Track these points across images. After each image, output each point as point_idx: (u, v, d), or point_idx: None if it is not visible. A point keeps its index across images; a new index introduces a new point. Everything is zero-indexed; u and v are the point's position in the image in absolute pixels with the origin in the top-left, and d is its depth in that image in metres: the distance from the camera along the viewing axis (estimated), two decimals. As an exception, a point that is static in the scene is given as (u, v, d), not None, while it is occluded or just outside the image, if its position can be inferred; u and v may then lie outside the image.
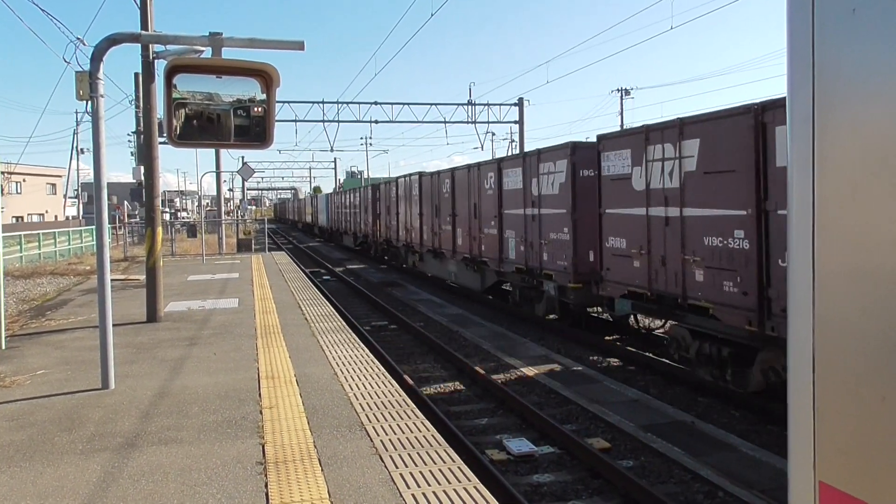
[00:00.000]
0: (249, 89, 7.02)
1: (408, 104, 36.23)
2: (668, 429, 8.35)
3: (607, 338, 13.84)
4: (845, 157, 1.31)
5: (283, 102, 34.15)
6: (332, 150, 78.70)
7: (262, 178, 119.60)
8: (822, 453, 1.38)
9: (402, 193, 26.75)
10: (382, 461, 5.25)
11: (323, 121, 35.98)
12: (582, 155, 13.44)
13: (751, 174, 8.67)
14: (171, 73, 6.71)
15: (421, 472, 5.03)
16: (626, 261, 11.50)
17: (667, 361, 11.45)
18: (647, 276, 10.96)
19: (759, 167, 8.59)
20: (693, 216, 9.79)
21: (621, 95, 49.35)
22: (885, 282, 1.23)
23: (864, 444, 1.29)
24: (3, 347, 9.90)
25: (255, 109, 7.05)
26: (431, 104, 36.65)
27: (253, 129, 7.09)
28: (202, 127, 6.98)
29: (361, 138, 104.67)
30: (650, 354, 12.18)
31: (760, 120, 8.59)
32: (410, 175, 25.87)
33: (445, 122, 37.20)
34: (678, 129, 9.99)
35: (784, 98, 1.47)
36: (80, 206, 64.72)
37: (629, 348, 12.64)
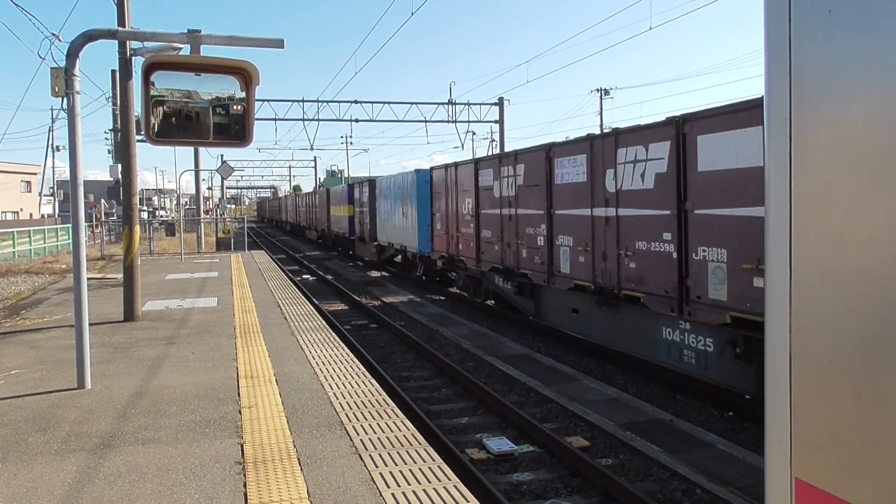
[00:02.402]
0: (229, 87, 6.97)
1: (388, 103, 36.20)
2: (646, 427, 8.40)
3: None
4: (822, 157, 1.32)
5: (263, 101, 34.05)
6: (312, 149, 78.50)
7: (242, 176, 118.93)
8: (799, 450, 1.40)
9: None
10: (362, 460, 5.23)
11: (303, 119, 35.87)
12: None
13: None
14: (148, 70, 6.65)
15: (401, 472, 5.02)
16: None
17: (646, 360, 11.52)
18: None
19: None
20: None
21: (601, 95, 49.62)
22: (860, 281, 1.24)
23: (840, 441, 1.30)
24: (-23, 347, 9.75)
25: (235, 107, 7.00)
26: (412, 103, 36.65)
27: (232, 127, 7.04)
28: (181, 125, 6.93)
29: (342, 137, 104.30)
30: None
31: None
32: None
33: (426, 122, 37.21)
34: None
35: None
36: (56, 204, 63.95)
37: (608, 347, 12.69)
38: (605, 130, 13.36)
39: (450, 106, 36.68)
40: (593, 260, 11.86)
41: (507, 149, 32.24)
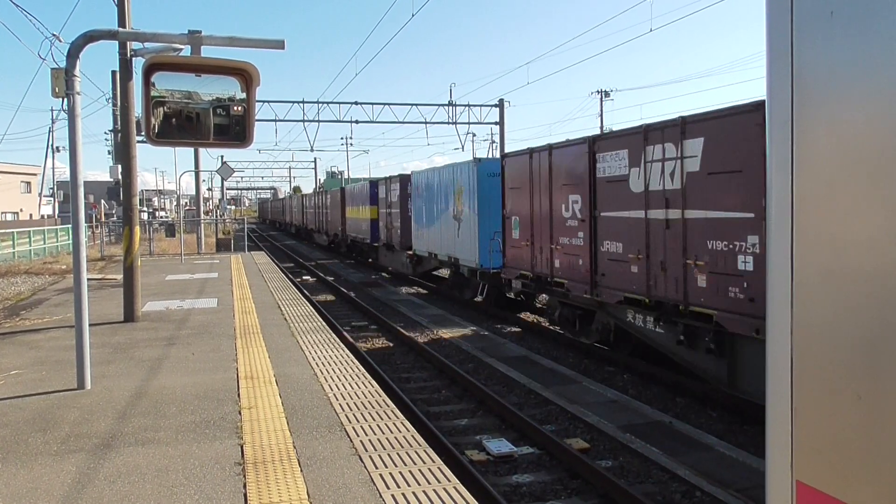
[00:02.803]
0: (229, 88, 6.98)
1: (389, 104, 36.22)
2: (646, 429, 8.40)
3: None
4: (823, 158, 1.32)
5: (263, 102, 34.02)
6: (312, 150, 78.75)
7: (242, 177, 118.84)
8: (800, 453, 1.40)
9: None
10: (362, 461, 5.23)
11: (303, 120, 35.85)
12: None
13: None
14: (149, 71, 6.65)
15: (401, 473, 5.02)
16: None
17: (645, 363, 11.52)
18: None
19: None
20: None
21: (601, 97, 49.60)
22: (862, 282, 1.24)
23: (841, 444, 1.30)
24: (-23, 347, 9.74)
25: (235, 108, 7.01)
26: (412, 105, 36.69)
27: (232, 128, 7.04)
28: (181, 125, 6.93)
29: (342, 138, 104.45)
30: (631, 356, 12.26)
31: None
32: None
33: (426, 123, 37.22)
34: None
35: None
36: (56, 204, 63.91)
37: (608, 349, 12.69)
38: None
39: (450, 107, 36.70)
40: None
41: (508, 150, 32.32)
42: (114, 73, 12.78)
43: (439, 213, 20.70)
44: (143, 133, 8.83)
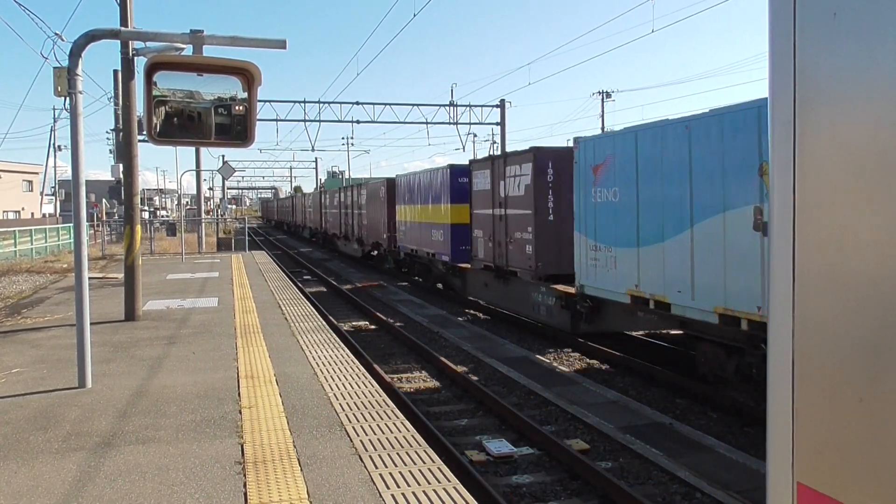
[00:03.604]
0: (231, 87, 6.98)
1: (390, 105, 36.24)
2: (646, 430, 8.40)
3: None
4: (826, 160, 1.32)
5: (265, 101, 34.06)
6: (313, 150, 78.79)
7: (243, 177, 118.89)
8: (801, 454, 1.40)
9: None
10: (362, 461, 5.23)
11: (304, 120, 35.88)
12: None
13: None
14: (151, 70, 6.66)
15: (401, 473, 5.02)
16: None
17: (646, 363, 11.51)
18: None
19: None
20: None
21: (602, 98, 49.59)
22: (863, 284, 1.24)
23: (842, 446, 1.30)
24: (-22, 345, 9.75)
25: (237, 108, 7.01)
26: (413, 105, 36.70)
27: (234, 127, 7.05)
28: (183, 125, 6.93)
29: (343, 138, 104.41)
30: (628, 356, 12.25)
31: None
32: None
33: (427, 123, 37.23)
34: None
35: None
36: (58, 203, 63.96)
37: (608, 350, 12.68)
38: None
39: (451, 108, 36.71)
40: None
41: (509, 150, 31.84)
42: (116, 72, 12.81)
43: (681, 222, 9.79)
44: (144, 132, 8.84)
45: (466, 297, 19.17)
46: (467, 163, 18.82)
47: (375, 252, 30.08)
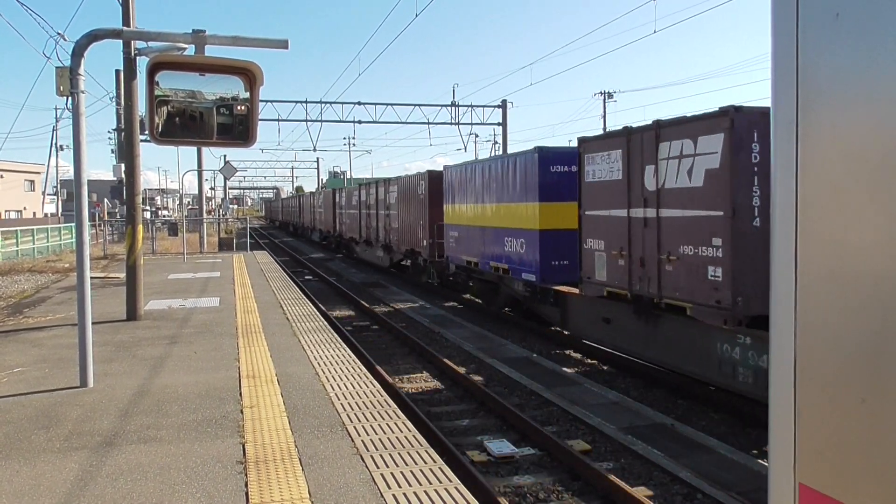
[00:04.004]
0: (233, 87, 6.99)
1: (391, 105, 36.25)
2: (647, 431, 8.40)
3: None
4: (828, 160, 1.32)
5: (267, 101, 34.04)
6: (314, 150, 78.83)
7: (245, 177, 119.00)
8: (803, 455, 1.39)
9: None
10: (364, 461, 5.23)
11: (306, 120, 35.88)
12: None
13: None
14: (153, 69, 6.67)
15: (402, 473, 5.02)
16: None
17: (647, 364, 11.51)
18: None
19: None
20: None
21: (604, 99, 49.62)
22: (866, 284, 1.24)
23: (844, 447, 1.30)
24: (-20, 345, 9.76)
25: (239, 108, 7.02)
26: (415, 105, 36.70)
27: (236, 127, 7.05)
28: (184, 124, 6.94)
29: (344, 138, 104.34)
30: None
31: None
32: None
33: (429, 124, 37.24)
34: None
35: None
36: (59, 203, 64.03)
37: (609, 351, 12.68)
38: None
39: (453, 108, 36.71)
40: None
41: (510, 151, 31.49)
42: (118, 72, 12.82)
43: None
44: (146, 132, 8.84)
45: (569, 333, 13.71)
46: (572, 143, 14.90)
47: (408, 262, 24.89)
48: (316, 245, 47.83)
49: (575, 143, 12.77)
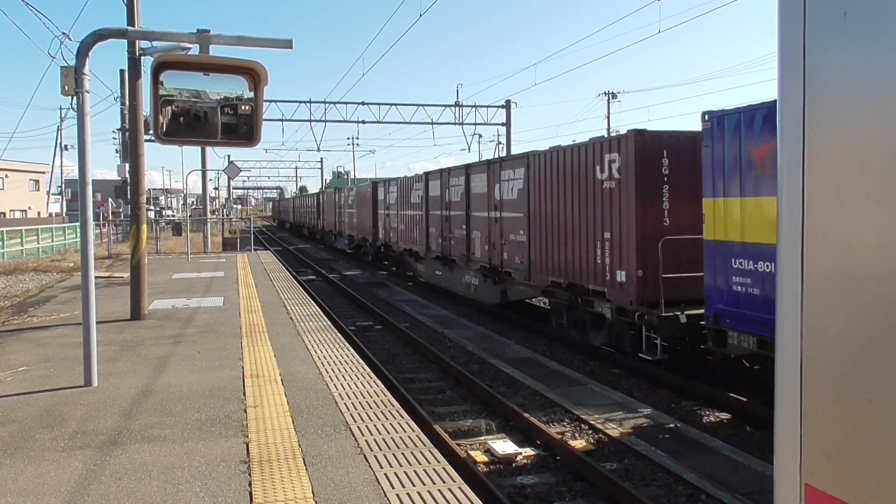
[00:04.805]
0: (237, 87, 6.99)
1: (395, 105, 36.30)
2: (651, 432, 8.38)
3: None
4: (835, 161, 1.32)
5: (270, 101, 34.11)
6: (318, 150, 78.94)
7: (248, 177, 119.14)
8: (809, 456, 1.39)
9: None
10: (367, 461, 5.24)
11: (310, 120, 35.93)
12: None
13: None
14: (158, 69, 6.67)
15: (406, 473, 5.02)
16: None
17: (651, 365, 11.49)
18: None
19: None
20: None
21: (608, 99, 49.57)
22: (872, 285, 1.24)
23: (851, 447, 1.29)
24: (-16, 344, 9.79)
25: (243, 107, 7.02)
26: (419, 105, 36.74)
27: (240, 127, 7.06)
28: (189, 124, 6.94)
29: (348, 138, 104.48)
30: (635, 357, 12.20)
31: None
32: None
33: (433, 124, 37.28)
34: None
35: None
36: (64, 202, 64.20)
37: (612, 351, 12.66)
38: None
39: (456, 108, 36.74)
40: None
41: (513, 152, 30.77)
42: (122, 71, 12.84)
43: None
44: (151, 131, 8.85)
45: None
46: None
47: (561, 314, 13.95)
48: (343, 255, 38.27)
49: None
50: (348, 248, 37.15)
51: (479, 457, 7.75)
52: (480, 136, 78.11)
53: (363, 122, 36.53)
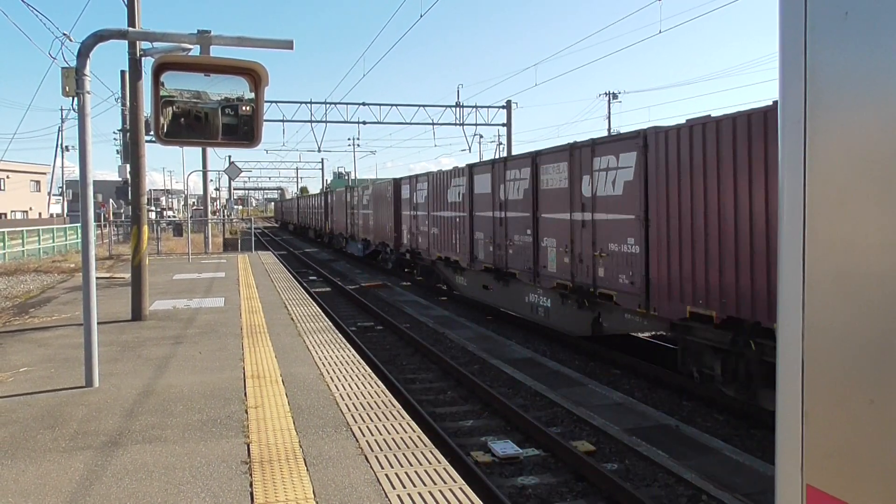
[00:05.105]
0: (238, 88, 6.99)
1: (396, 105, 36.33)
2: (652, 432, 8.38)
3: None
4: (836, 161, 1.32)
5: (271, 102, 34.13)
6: (319, 151, 78.84)
7: (249, 177, 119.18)
8: (810, 456, 1.39)
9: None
10: (368, 462, 5.24)
11: (311, 121, 35.95)
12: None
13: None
14: (158, 70, 6.67)
15: (406, 473, 5.02)
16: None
17: (652, 365, 11.49)
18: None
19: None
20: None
21: (609, 99, 49.56)
22: (874, 285, 1.24)
23: (853, 448, 1.29)
24: (-15, 344, 9.79)
25: (243, 108, 7.02)
26: (419, 106, 36.79)
27: (241, 127, 7.06)
28: (190, 125, 6.95)
29: (349, 139, 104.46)
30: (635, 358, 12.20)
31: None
32: None
33: (433, 124, 37.32)
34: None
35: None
36: (65, 203, 64.23)
37: (614, 352, 12.66)
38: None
39: (457, 108, 36.77)
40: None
41: (515, 152, 30.75)
42: (123, 72, 12.85)
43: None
44: (152, 132, 8.85)
45: None
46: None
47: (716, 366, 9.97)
48: (356, 261, 34.34)
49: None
50: (362, 254, 32.93)
51: (481, 457, 7.74)
52: (481, 136, 78.15)
53: (364, 122, 36.57)
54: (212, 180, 54.19)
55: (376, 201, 29.23)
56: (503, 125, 37.70)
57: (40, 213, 63.74)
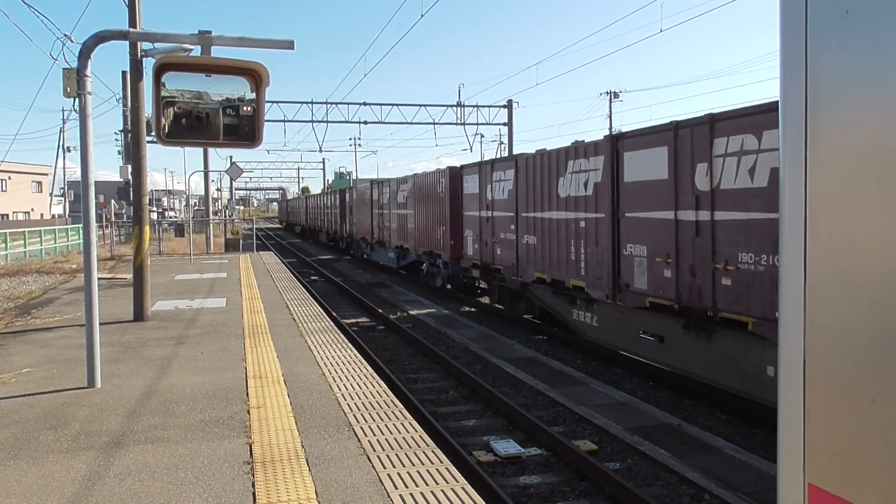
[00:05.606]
0: (239, 88, 7.00)
1: (397, 105, 36.31)
2: (654, 431, 8.38)
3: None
4: (837, 160, 1.32)
5: (272, 102, 34.12)
6: (320, 151, 78.77)
7: (251, 178, 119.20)
8: (812, 455, 1.39)
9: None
10: (370, 462, 5.24)
11: (312, 121, 35.95)
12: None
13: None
14: (159, 71, 6.68)
15: (409, 473, 5.02)
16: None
17: (654, 364, 11.48)
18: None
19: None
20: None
21: (610, 98, 49.54)
22: (875, 284, 1.24)
23: (854, 447, 1.29)
24: (-12, 345, 9.80)
25: (245, 108, 7.02)
26: (421, 105, 36.75)
27: (242, 128, 7.06)
28: (191, 125, 6.95)
29: (350, 139, 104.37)
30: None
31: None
32: None
33: (434, 124, 37.29)
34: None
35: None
36: (67, 204, 64.25)
37: (615, 351, 12.65)
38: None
39: (458, 108, 36.74)
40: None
41: (516, 152, 30.86)
42: (124, 73, 12.84)
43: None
44: (153, 133, 8.86)
45: None
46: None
47: None
48: (387, 272, 28.14)
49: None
50: (394, 264, 26.60)
51: (483, 457, 7.74)
52: (483, 136, 78.15)
53: (365, 122, 36.53)
54: (213, 180, 54.18)
55: (419, 198, 22.80)
56: (504, 124, 37.69)
57: (42, 214, 63.78)
